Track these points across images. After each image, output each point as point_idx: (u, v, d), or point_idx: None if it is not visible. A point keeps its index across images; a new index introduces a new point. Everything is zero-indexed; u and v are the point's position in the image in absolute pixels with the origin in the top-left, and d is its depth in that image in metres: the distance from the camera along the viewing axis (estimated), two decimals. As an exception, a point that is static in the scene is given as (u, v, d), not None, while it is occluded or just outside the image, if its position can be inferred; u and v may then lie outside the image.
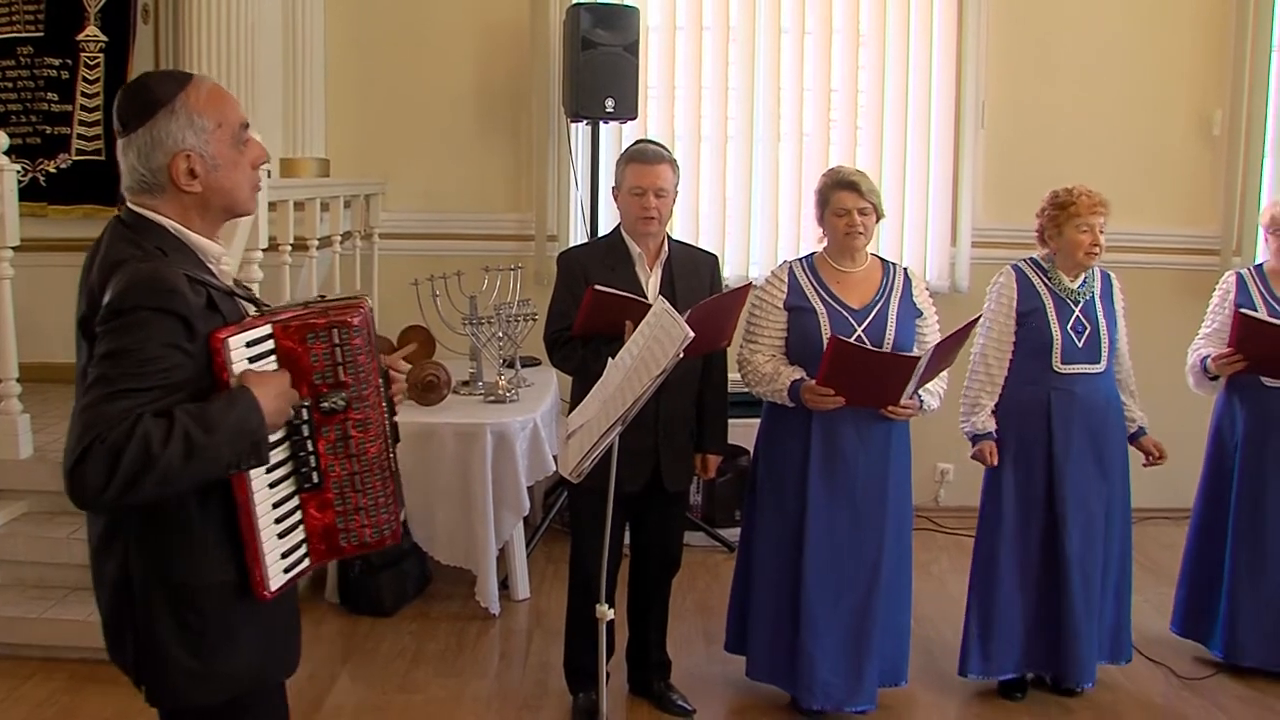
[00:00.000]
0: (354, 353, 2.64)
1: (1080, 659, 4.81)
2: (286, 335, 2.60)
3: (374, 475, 2.71)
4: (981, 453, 4.85)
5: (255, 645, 2.67)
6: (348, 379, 2.64)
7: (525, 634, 5.58)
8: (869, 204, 4.53)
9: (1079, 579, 4.77)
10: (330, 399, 2.63)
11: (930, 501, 7.35)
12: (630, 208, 4.48)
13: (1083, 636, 4.79)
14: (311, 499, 2.67)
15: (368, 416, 2.69)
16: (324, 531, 2.69)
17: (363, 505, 2.71)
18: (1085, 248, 4.73)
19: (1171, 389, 5.48)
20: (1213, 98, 7.34)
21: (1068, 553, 4.76)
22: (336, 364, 2.63)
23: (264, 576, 2.57)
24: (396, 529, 2.80)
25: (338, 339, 2.62)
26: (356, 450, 2.68)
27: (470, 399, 6.02)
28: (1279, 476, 5.08)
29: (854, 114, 7.22)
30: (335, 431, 2.66)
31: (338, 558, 2.84)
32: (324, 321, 2.62)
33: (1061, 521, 4.77)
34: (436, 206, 7.16)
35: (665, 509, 4.66)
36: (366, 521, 2.72)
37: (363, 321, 2.67)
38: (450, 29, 7.11)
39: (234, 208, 2.70)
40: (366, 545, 2.75)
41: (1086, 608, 4.79)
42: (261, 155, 2.73)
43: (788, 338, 4.58)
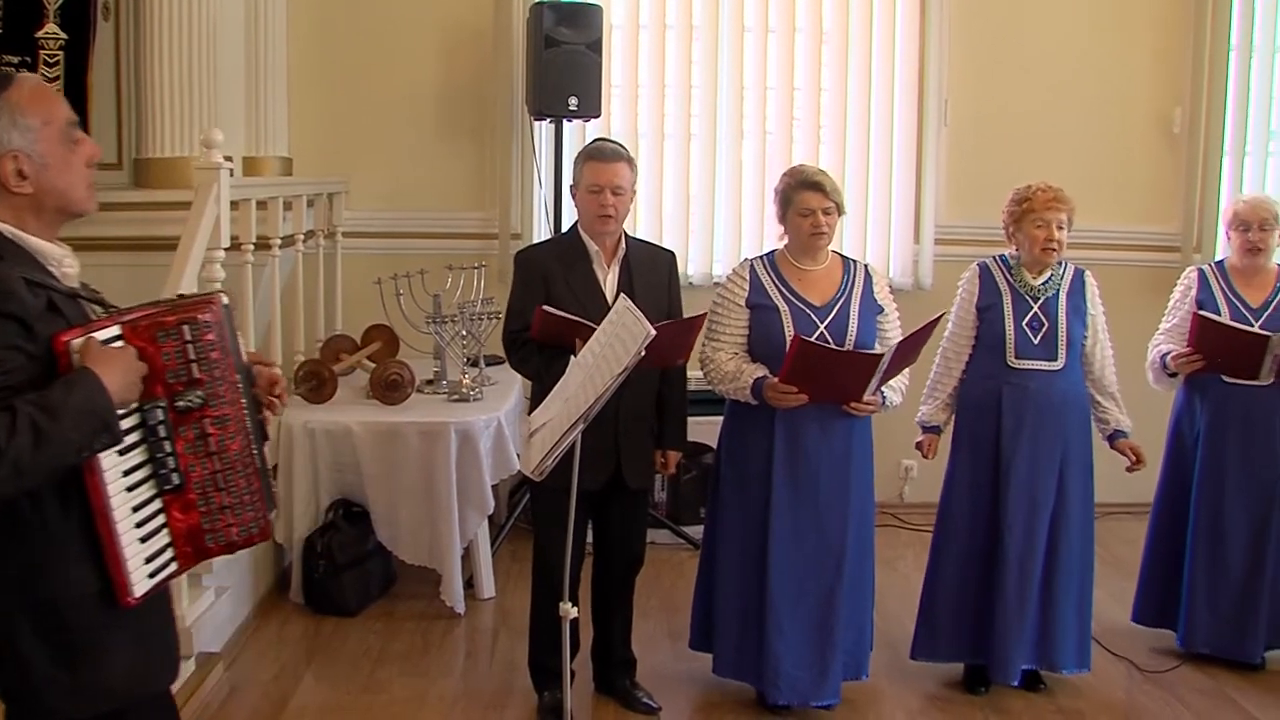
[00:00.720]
0: (206, 349, 2.60)
1: (1006, 655, 4.86)
2: (136, 335, 2.54)
3: (237, 473, 2.68)
4: (922, 444, 4.94)
5: (128, 654, 2.62)
6: (202, 376, 2.60)
7: (490, 633, 5.58)
8: (833, 203, 4.55)
9: (1015, 574, 4.82)
10: (185, 397, 2.59)
11: (895, 498, 7.37)
12: (588, 206, 4.48)
13: (1011, 631, 4.83)
14: (174, 501, 2.62)
15: (226, 413, 2.65)
16: (189, 533, 2.64)
17: (227, 504, 2.67)
18: (1041, 243, 4.77)
19: (1132, 385, 5.50)
20: (1172, 96, 7.40)
21: (1006, 547, 4.82)
22: (189, 361, 2.58)
23: (127, 582, 2.51)
24: (265, 527, 2.77)
25: (189, 335, 2.58)
26: (217, 448, 2.64)
27: (434, 398, 6.01)
28: (1238, 471, 5.14)
29: (817, 112, 7.24)
30: (193, 430, 2.61)
31: (206, 559, 2.77)
32: (174, 319, 2.58)
33: (1004, 515, 4.81)
34: (399, 205, 7.14)
35: (627, 506, 4.66)
36: (232, 520, 2.68)
37: (214, 317, 2.63)
38: (413, 27, 7.08)
39: (69, 207, 2.62)
40: (233, 545, 2.71)
41: (1019, 604, 4.83)
42: (94, 153, 2.66)
43: (750, 336, 4.59)
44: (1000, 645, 4.86)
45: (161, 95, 5.79)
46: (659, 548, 6.44)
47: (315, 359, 6.10)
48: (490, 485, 5.73)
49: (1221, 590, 5.16)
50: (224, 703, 4.77)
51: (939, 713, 4.86)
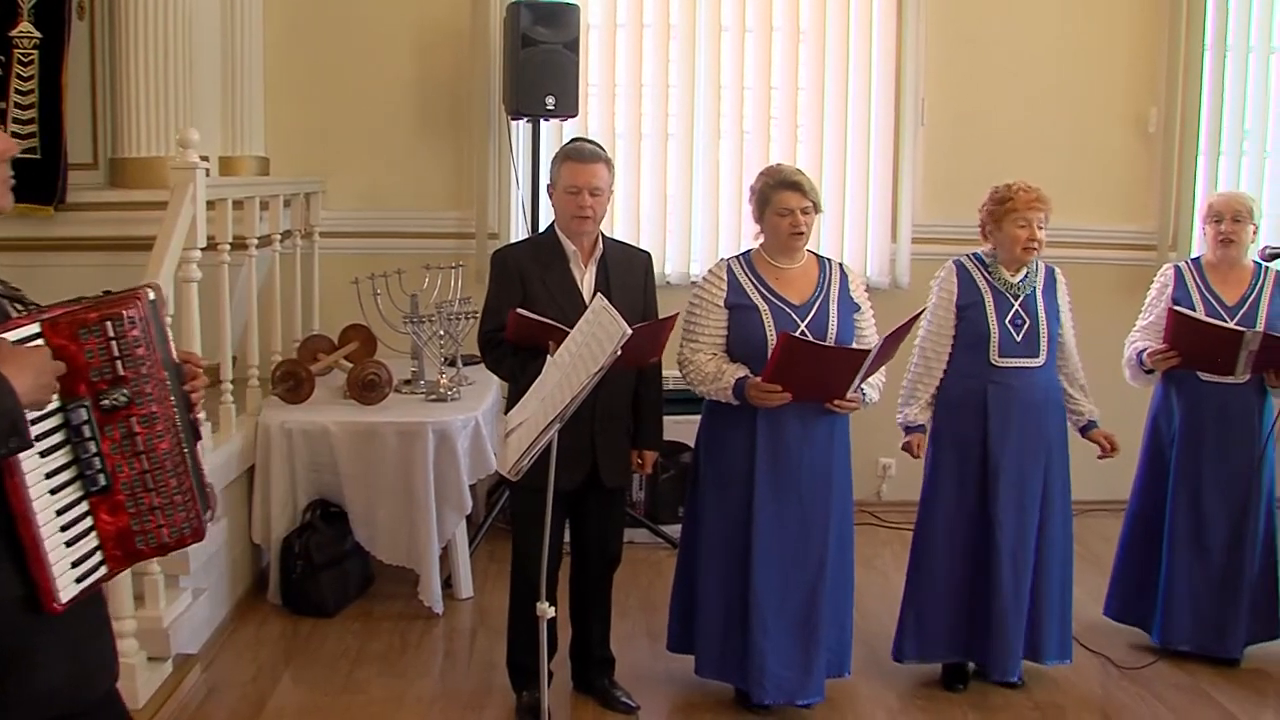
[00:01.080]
0: (131, 345, 2.51)
1: (1006, 652, 4.87)
2: (56, 333, 2.44)
3: (167, 472, 2.58)
4: (910, 445, 4.93)
5: (60, 663, 2.51)
6: (127, 373, 2.51)
7: (469, 633, 5.57)
8: (811, 203, 4.56)
9: (1009, 572, 4.83)
10: (110, 395, 2.49)
11: (873, 496, 7.39)
12: (565, 206, 4.47)
13: (1011, 630, 4.85)
14: (101, 503, 2.52)
15: (153, 411, 2.55)
16: (118, 536, 2.54)
17: (157, 505, 2.57)
18: (1023, 243, 4.78)
19: (1109, 382, 5.53)
20: (1148, 96, 7.43)
21: (1000, 545, 4.83)
22: (113, 358, 2.49)
23: (52, 587, 2.41)
24: (199, 527, 2.68)
25: (112, 332, 2.48)
26: (144, 447, 2.54)
27: (412, 398, 6.00)
28: (1215, 468, 5.16)
29: (794, 111, 7.25)
30: (119, 430, 2.52)
31: (138, 561, 2.66)
32: (95, 315, 2.48)
33: (995, 515, 4.83)
34: (377, 205, 7.13)
35: (604, 505, 4.66)
36: (163, 521, 2.59)
37: (139, 313, 2.54)
38: (390, 26, 7.07)
39: None
40: (165, 546, 2.62)
41: (1016, 601, 4.85)
42: (7, 147, 2.57)
43: (729, 336, 4.59)
44: (998, 643, 4.87)
45: (137, 95, 5.78)
46: (637, 547, 6.45)
47: (292, 359, 6.09)
48: (468, 485, 5.72)
49: (1200, 587, 5.18)
50: (201, 704, 4.75)
51: (919, 711, 4.87)
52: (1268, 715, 4.83)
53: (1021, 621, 4.88)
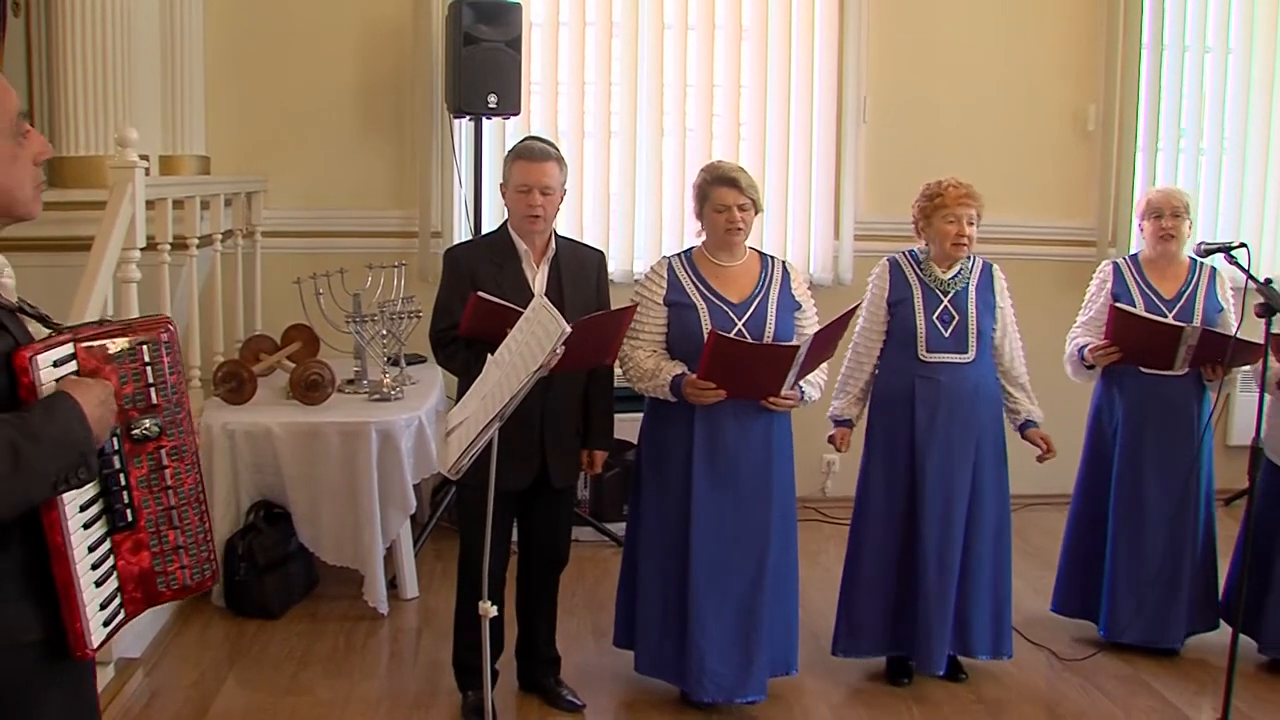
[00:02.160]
0: (165, 372, 2.41)
1: (931, 645, 4.91)
2: (91, 355, 2.32)
3: (190, 509, 2.46)
4: (835, 438, 4.98)
5: (59, 714, 2.32)
6: (160, 401, 2.40)
7: (414, 633, 5.55)
8: (749, 199, 4.56)
9: (934, 566, 4.88)
10: (141, 424, 2.36)
11: (817, 492, 7.43)
12: (517, 205, 4.47)
13: (935, 622, 4.89)
14: (125, 540, 2.38)
15: (182, 443, 2.44)
16: (140, 577, 2.40)
17: (181, 544, 2.45)
18: (953, 238, 4.83)
19: (1051, 377, 5.59)
20: (1086, 93, 7.53)
21: (924, 540, 4.88)
22: (148, 385, 2.38)
23: (85, 632, 2.25)
24: (215, 569, 2.55)
25: (148, 357, 2.38)
26: (172, 482, 2.42)
27: (355, 398, 5.98)
28: (1156, 461, 5.23)
29: (737, 109, 7.27)
30: (148, 462, 2.39)
31: (154, 605, 2.49)
32: (131, 339, 2.38)
33: (921, 508, 4.88)
34: (319, 204, 7.08)
35: (552, 505, 4.66)
36: (186, 562, 2.46)
37: (171, 338, 2.44)
38: (331, 24, 7.03)
39: (13, 209, 2.33)
40: (185, 589, 2.48)
41: (940, 595, 4.89)
42: (44, 150, 2.37)
43: (668, 334, 4.61)
44: (923, 637, 4.91)
45: (75, 93, 5.70)
46: (583, 545, 6.44)
47: (235, 359, 6.04)
48: (412, 484, 5.70)
49: (1143, 579, 5.24)
50: (144, 708, 4.71)
51: (862, 706, 4.90)
52: (1205, 704, 4.89)
53: (947, 615, 4.91)
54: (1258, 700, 4.94)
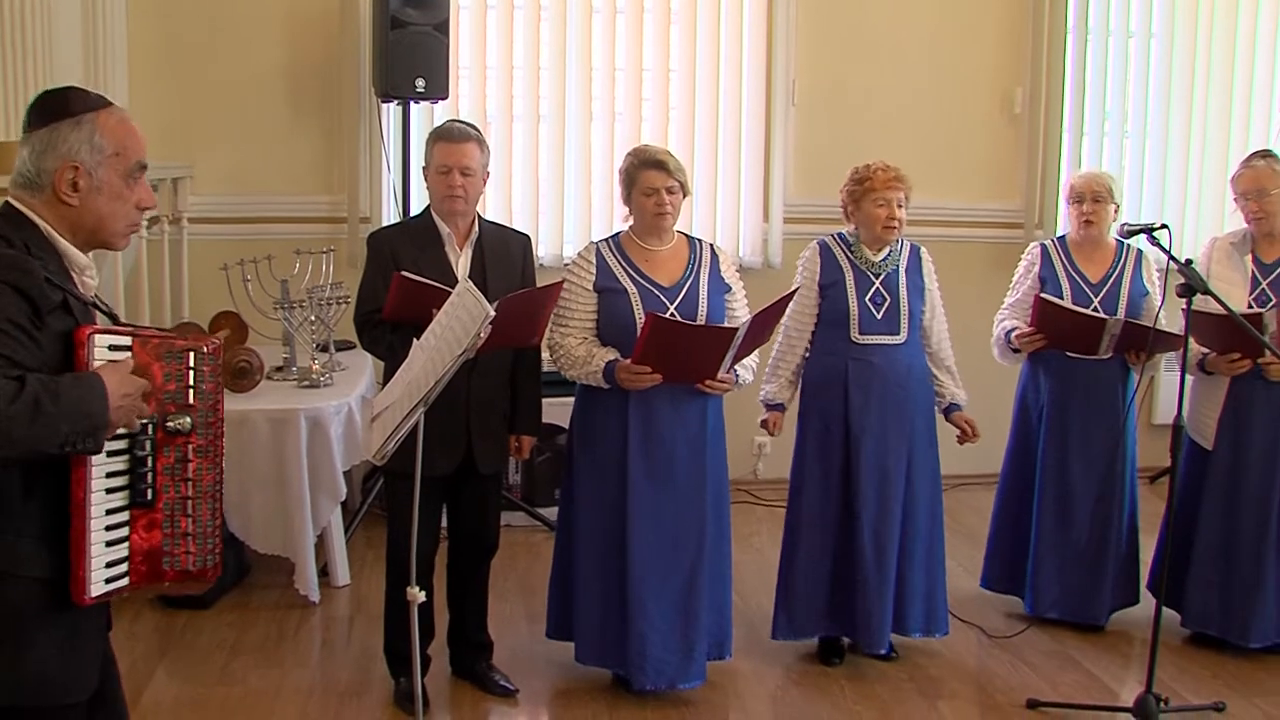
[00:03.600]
0: (205, 379, 2.70)
1: (873, 624, 4.95)
2: (144, 350, 2.63)
3: (205, 504, 2.74)
4: (768, 422, 5.00)
5: (50, 655, 2.58)
6: (195, 404, 2.70)
7: (346, 620, 5.53)
8: (676, 182, 4.56)
9: (872, 546, 4.91)
10: (176, 419, 2.67)
11: (749, 474, 7.45)
12: (437, 187, 4.44)
13: (875, 602, 4.93)
14: (141, 516, 2.66)
15: (209, 445, 2.73)
16: (148, 552, 2.68)
17: (190, 532, 2.72)
18: (883, 221, 4.86)
19: (979, 358, 5.65)
20: (1014, 77, 7.60)
21: (862, 520, 4.90)
22: (188, 387, 2.68)
23: (85, 579, 2.53)
24: (219, 562, 2.81)
25: (193, 362, 2.69)
26: (193, 475, 2.72)
27: (284, 384, 5.92)
28: (1081, 440, 5.31)
29: (666, 93, 7.27)
30: (175, 454, 2.69)
31: (157, 582, 2.77)
32: (182, 344, 2.69)
33: (857, 489, 4.90)
34: (246, 189, 7.00)
35: (480, 491, 4.64)
36: (192, 549, 2.73)
37: (217, 352, 2.73)
38: (257, 7, 6.94)
39: (102, 236, 2.69)
40: (188, 574, 2.75)
41: (879, 574, 4.92)
42: (149, 201, 2.74)
43: (599, 319, 4.60)
44: (864, 618, 4.94)
45: (-8, 78, 5.61)
46: (514, 530, 6.45)
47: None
48: (342, 471, 5.67)
49: (1068, 556, 5.33)
50: (72, 700, 4.65)
51: (796, 687, 4.93)
52: (1130, 677, 4.97)
53: (887, 594, 4.95)
54: (1180, 672, 5.04)
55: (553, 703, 4.80)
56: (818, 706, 4.77)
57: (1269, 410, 5.09)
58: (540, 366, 4.71)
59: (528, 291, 4.40)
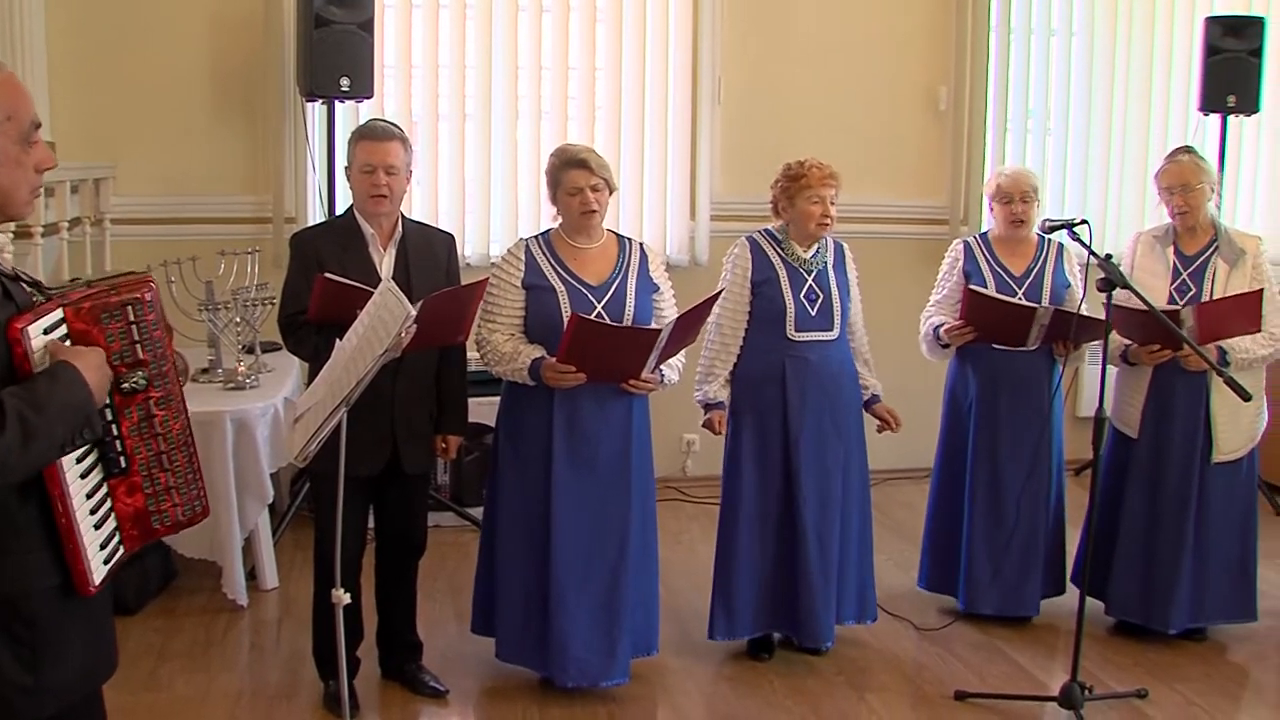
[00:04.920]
0: (150, 329, 2.59)
1: (818, 620, 4.98)
2: (79, 318, 2.51)
3: (179, 452, 2.68)
4: (710, 422, 4.99)
5: (84, 649, 2.58)
6: (146, 356, 2.59)
7: (275, 623, 5.49)
8: (601, 180, 4.57)
9: (815, 542, 4.94)
10: (130, 379, 2.57)
11: (678, 472, 7.49)
12: (361, 186, 4.41)
13: (819, 598, 4.96)
14: (120, 484, 2.60)
15: (169, 393, 2.65)
16: (135, 516, 2.62)
17: (172, 484, 2.66)
18: (816, 219, 4.89)
19: (907, 354, 5.70)
20: (938, 75, 7.69)
21: (804, 517, 4.92)
22: (134, 342, 2.56)
23: (87, 572, 2.49)
24: (206, 504, 2.77)
25: (133, 316, 2.56)
26: (161, 429, 2.63)
27: (209, 386, 5.87)
28: (1010, 433, 5.36)
29: (592, 91, 7.27)
30: (138, 412, 2.60)
31: (151, 540, 2.74)
32: (117, 300, 2.55)
33: (797, 486, 4.92)
34: (170, 190, 6.92)
35: (406, 491, 4.62)
36: (178, 500, 2.68)
37: (154, 297, 2.62)
38: (180, 5, 6.87)
39: (6, 208, 2.54)
40: (179, 524, 2.71)
41: (823, 570, 4.96)
42: (48, 159, 2.58)
43: (526, 316, 4.60)
44: (809, 614, 4.97)
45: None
46: (443, 530, 6.43)
47: None
48: (270, 473, 5.62)
49: (999, 551, 5.37)
50: (-5, 708, 4.59)
51: (727, 683, 4.95)
52: (1055, 667, 5.03)
53: (830, 589, 4.99)
54: (1105, 661, 5.12)
55: (482, 701, 4.79)
56: (748, 702, 4.79)
57: (1189, 399, 5.18)
58: (466, 366, 4.70)
59: (452, 290, 4.39)
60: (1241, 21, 7.37)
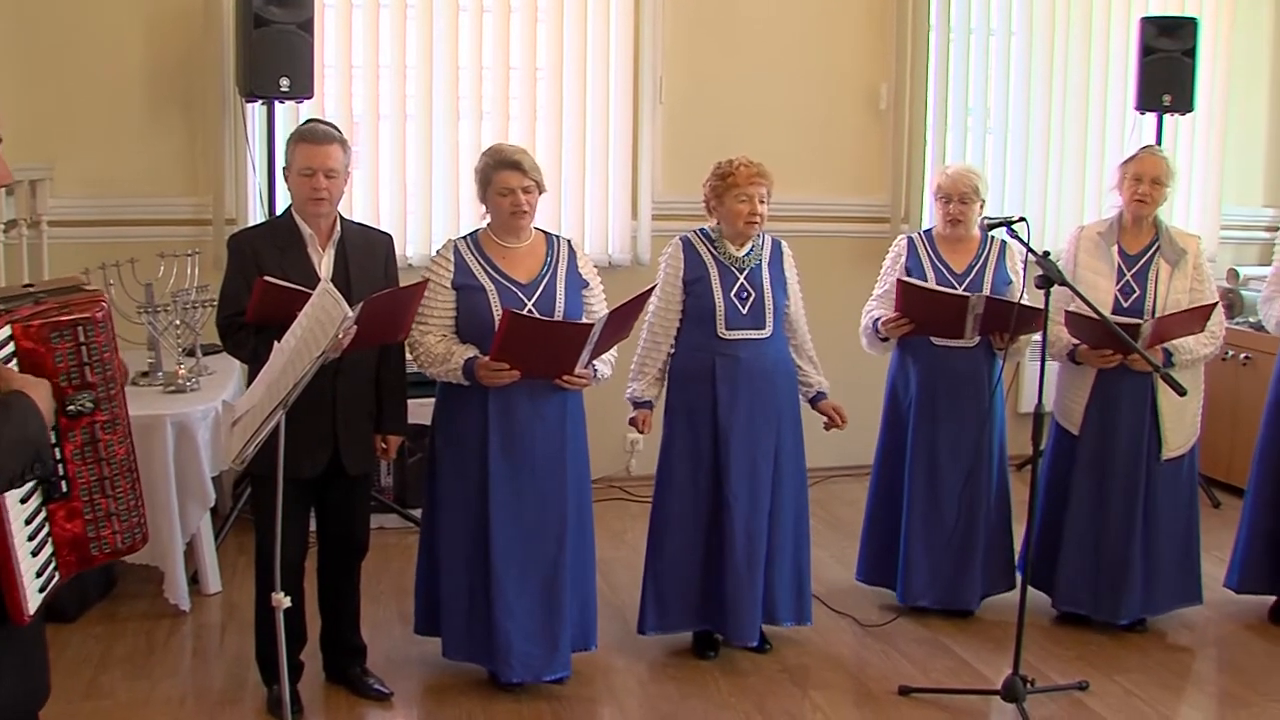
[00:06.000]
0: (100, 350, 2.50)
1: (743, 618, 5.00)
2: (28, 336, 2.43)
3: (123, 477, 2.59)
4: (636, 420, 5.03)
5: (15, 678, 2.52)
6: (94, 379, 2.49)
7: (218, 628, 5.44)
8: (533, 181, 4.58)
9: (743, 540, 4.96)
10: (77, 401, 2.47)
11: (621, 471, 7.49)
12: (300, 188, 4.40)
13: (746, 596, 4.98)
14: (59, 508, 2.51)
15: (115, 416, 2.56)
16: (73, 542, 2.53)
17: (114, 511, 2.58)
18: (745, 217, 4.91)
19: (848, 351, 5.72)
20: (879, 73, 7.71)
21: (733, 514, 4.95)
22: (83, 364, 2.47)
23: (22, 600, 2.40)
24: (146, 531, 2.68)
25: (83, 337, 2.47)
26: (105, 454, 2.54)
27: (149, 390, 5.82)
28: (950, 429, 5.40)
29: (533, 91, 7.25)
30: (83, 435, 2.51)
31: (88, 567, 2.64)
32: (68, 319, 2.46)
33: (727, 484, 4.95)
34: (109, 191, 6.83)
35: (348, 493, 4.61)
36: (118, 527, 2.59)
37: (105, 316, 2.53)
38: (117, 5, 6.78)
39: None
40: (118, 552, 2.62)
41: (750, 568, 4.98)
42: (6, 177, 2.55)
43: (458, 317, 4.60)
44: (734, 611, 4.99)
45: None
46: (387, 532, 6.40)
47: None
48: (211, 476, 5.58)
49: (937, 544, 5.41)
50: (-70, 719, 4.54)
51: (669, 680, 4.96)
52: (998, 661, 5.06)
53: (757, 588, 5.01)
54: (1047, 655, 5.17)
55: (427, 702, 4.77)
56: (692, 700, 4.80)
57: (1134, 396, 5.25)
58: (404, 364, 4.69)
59: (392, 291, 4.39)
60: (1175, 22, 7.48)
